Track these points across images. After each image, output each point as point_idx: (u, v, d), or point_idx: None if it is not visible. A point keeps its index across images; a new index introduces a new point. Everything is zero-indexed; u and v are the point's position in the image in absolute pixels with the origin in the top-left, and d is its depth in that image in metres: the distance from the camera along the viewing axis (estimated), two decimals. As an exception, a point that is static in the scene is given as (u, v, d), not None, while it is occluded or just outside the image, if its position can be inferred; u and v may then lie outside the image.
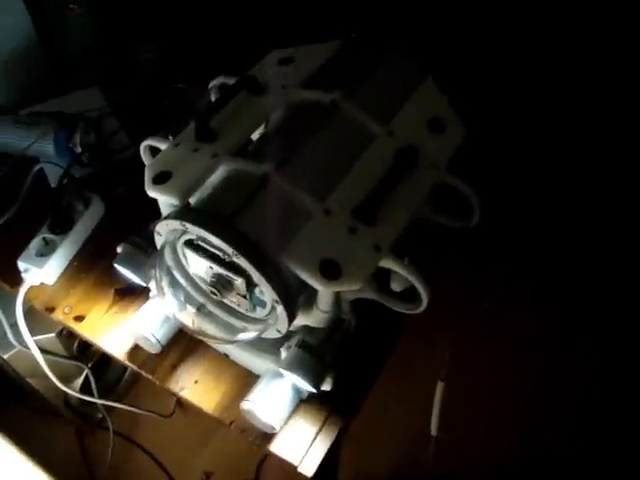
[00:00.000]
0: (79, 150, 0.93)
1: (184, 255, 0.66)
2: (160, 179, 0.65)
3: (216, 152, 0.66)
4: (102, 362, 1.09)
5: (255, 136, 0.71)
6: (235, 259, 0.59)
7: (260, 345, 0.74)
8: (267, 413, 0.68)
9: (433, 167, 0.69)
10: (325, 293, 0.62)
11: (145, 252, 0.71)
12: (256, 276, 0.59)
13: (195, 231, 0.60)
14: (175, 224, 0.61)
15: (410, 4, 1.15)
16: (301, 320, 0.66)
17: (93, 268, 0.86)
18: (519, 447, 1.09)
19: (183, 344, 0.79)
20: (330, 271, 0.58)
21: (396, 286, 0.64)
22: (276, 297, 0.59)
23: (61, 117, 0.96)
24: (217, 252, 0.61)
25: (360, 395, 0.76)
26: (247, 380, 0.75)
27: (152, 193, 0.65)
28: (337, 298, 0.64)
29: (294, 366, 0.64)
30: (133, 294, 0.83)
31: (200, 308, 0.67)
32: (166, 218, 0.62)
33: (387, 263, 0.61)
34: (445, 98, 0.75)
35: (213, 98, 0.79)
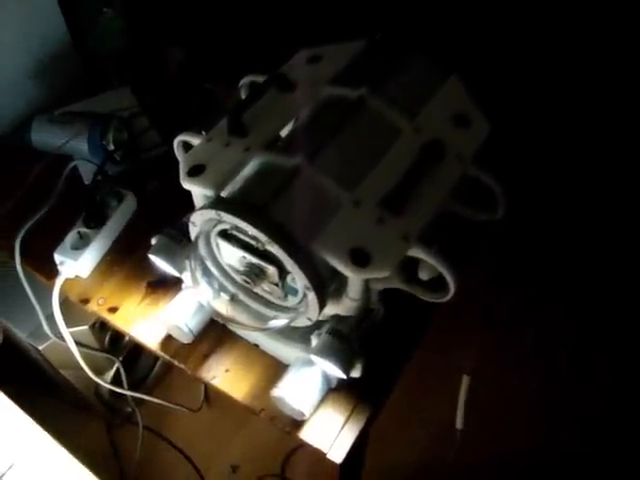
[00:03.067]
0: (112, 148, 0.95)
1: (217, 245, 0.68)
2: (194, 172, 0.67)
3: (248, 146, 0.68)
4: (133, 356, 1.12)
5: (285, 132, 0.73)
6: (268, 247, 0.61)
7: (290, 334, 0.76)
8: (297, 400, 0.70)
9: (458, 160, 0.70)
10: (355, 281, 0.64)
11: (179, 243, 0.73)
12: (289, 264, 0.61)
13: (230, 220, 0.62)
14: (210, 214, 0.63)
15: (431, 5, 1.17)
16: (331, 309, 0.68)
17: (126, 261, 0.89)
18: (540, 442, 1.10)
19: (214, 334, 0.81)
20: (360, 259, 0.60)
21: (424, 275, 0.65)
22: (308, 284, 0.61)
23: (94, 116, 0.99)
24: (251, 241, 0.63)
25: (388, 384, 0.77)
26: (277, 369, 0.77)
27: (187, 185, 0.67)
28: (366, 287, 0.65)
29: (325, 352, 0.65)
30: (165, 286, 0.85)
31: (233, 297, 0.69)
32: (201, 208, 0.64)
33: (415, 252, 0.62)
34: (469, 95, 0.76)
35: (243, 96, 0.82)
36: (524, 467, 1.06)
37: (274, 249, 0.61)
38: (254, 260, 0.64)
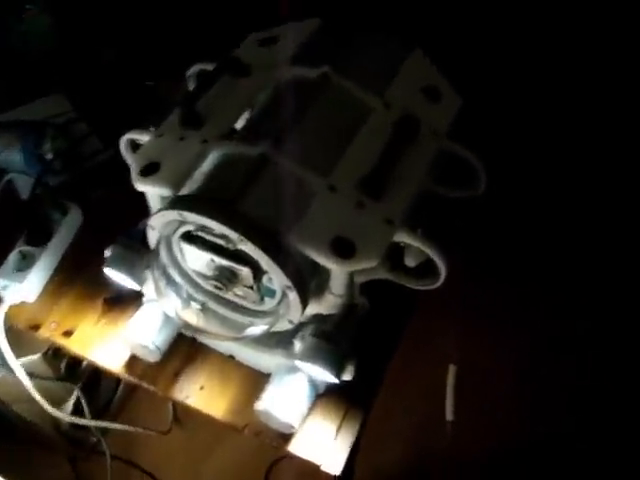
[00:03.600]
0: (50, 157, 0.87)
1: (181, 250, 0.61)
2: (148, 171, 0.61)
3: (205, 138, 0.62)
4: (93, 381, 1.03)
5: (243, 120, 0.67)
6: (240, 246, 0.55)
7: (267, 341, 0.69)
8: (284, 411, 0.64)
9: (434, 135, 0.66)
10: (339, 275, 0.58)
11: (137, 252, 0.65)
12: (265, 262, 0.54)
13: (194, 220, 0.55)
14: (171, 215, 0.56)
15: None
16: (313, 308, 0.62)
17: (77, 279, 0.80)
18: (532, 433, 1.06)
19: (184, 350, 0.74)
20: (343, 249, 0.55)
21: (411, 261, 0.61)
22: (288, 282, 0.55)
23: (26, 125, 0.90)
24: (219, 242, 0.56)
25: (376, 382, 0.72)
26: (256, 380, 0.71)
27: (141, 186, 0.60)
28: (350, 281, 0.60)
29: (312, 356, 0.60)
30: (123, 302, 0.78)
31: (203, 306, 0.63)
32: (160, 210, 0.57)
33: (401, 237, 0.58)
34: (435, 67, 0.72)
35: (191, 87, 0.75)
36: (517, 459, 1.02)
37: (247, 247, 0.54)
38: (224, 262, 0.58)
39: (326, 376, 0.61)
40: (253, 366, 0.72)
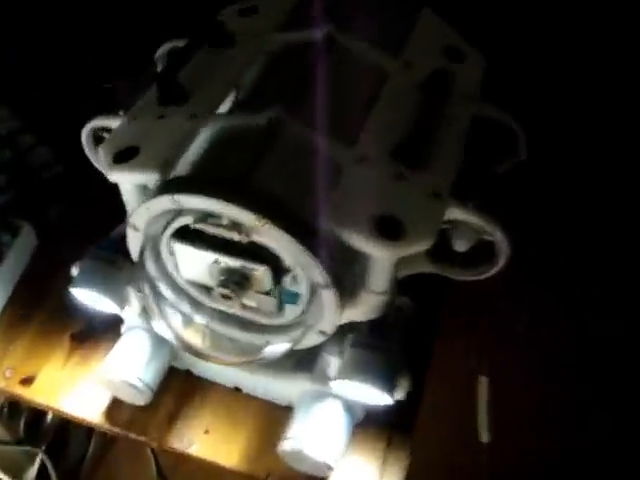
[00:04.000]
0: (-9, 171, 0.72)
1: (172, 256, 0.48)
2: (124, 157, 0.47)
3: (193, 112, 0.49)
4: (59, 439, 0.86)
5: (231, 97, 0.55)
6: (255, 237, 0.42)
7: (284, 364, 0.56)
8: (319, 449, 0.50)
9: (467, 98, 0.55)
10: (381, 265, 0.46)
11: (113, 265, 0.52)
12: (290, 254, 0.42)
13: (194, 206, 0.42)
14: (162, 203, 0.43)
15: None
16: (346, 314, 0.49)
17: (34, 312, 0.66)
18: (573, 450, 0.93)
19: (177, 386, 0.60)
20: (390, 229, 0.43)
21: (461, 244, 0.49)
22: (323, 278, 0.42)
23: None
24: (226, 235, 0.43)
25: (416, 400, 0.59)
26: (272, 415, 0.58)
27: (116, 175, 0.47)
28: (395, 272, 0.48)
29: (356, 372, 0.47)
30: (95, 336, 0.63)
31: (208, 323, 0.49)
32: (148, 200, 0.44)
33: (453, 212, 0.46)
34: (450, 27, 0.62)
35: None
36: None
37: (265, 237, 0.42)
38: (233, 262, 0.45)
39: (373, 396, 0.48)
40: (266, 398, 0.59)
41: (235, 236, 0.43)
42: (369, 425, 0.56)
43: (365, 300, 0.48)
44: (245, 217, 0.41)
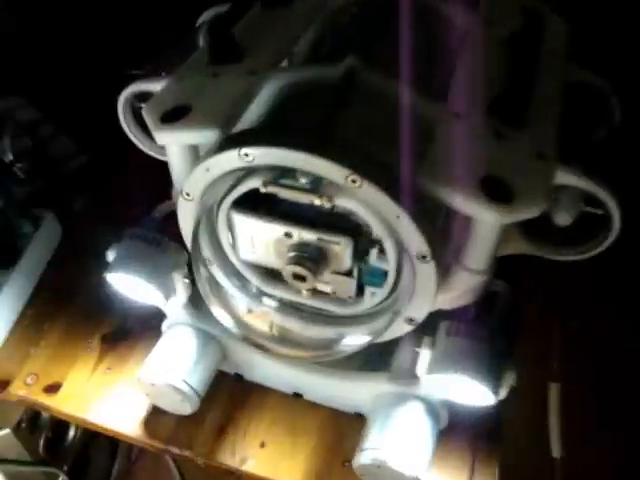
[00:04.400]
0: (10, 158, 0.65)
1: (231, 232, 0.41)
2: (172, 116, 0.40)
3: (253, 69, 0.42)
4: (80, 459, 0.77)
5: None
6: (340, 201, 0.35)
7: (350, 364, 0.49)
8: (405, 460, 0.42)
9: (557, 57, 0.48)
10: (484, 235, 0.38)
11: (158, 246, 0.44)
12: (382, 220, 0.35)
13: (270, 161, 0.35)
14: (229, 161, 0.36)
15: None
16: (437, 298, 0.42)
17: (60, 311, 0.58)
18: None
19: (225, 393, 0.52)
20: (498, 191, 0.35)
21: (564, 217, 0.42)
22: (424, 246, 0.35)
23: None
24: (303, 200, 0.36)
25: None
26: (339, 425, 0.50)
27: (166, 135, 0.40)
28: (496, 246, 0.40)
29: (460, 364, 0.39)
30: (130, 337, 0.56)
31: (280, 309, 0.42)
32: (208, 158, 0.37)
33: (561, 176, 0.39)
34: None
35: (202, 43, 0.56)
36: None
37: (355, 198, 0.34)
38: (307, 235, 0.37)
39: (473, 395, 0.40)
40: (331, 405, 0.51)
41: (315, 200, 0.35)
42: (453, 433, 0.48)
43: (461, 280, 0.41)
44: (335, 173, 0.33)
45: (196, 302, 0.48)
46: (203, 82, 0.43)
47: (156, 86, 0.46)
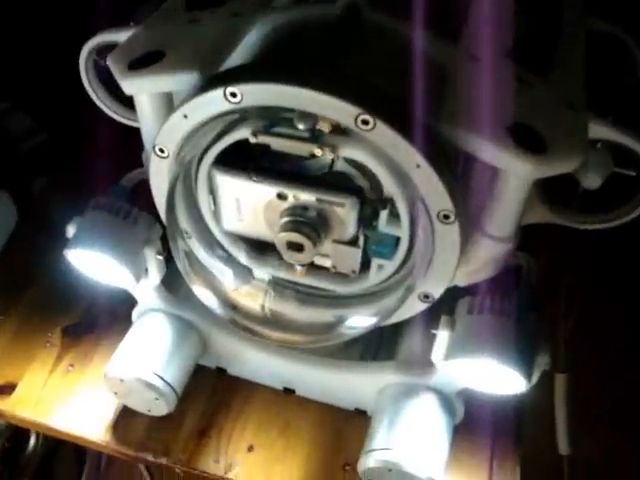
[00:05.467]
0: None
1: (213, 194, 0.34)
2: (143, 63, 0.34)
3: (236, 11, 0.36)
4: (44, 470, 0.69)
5: None
6: (346, 152, 0.29)
7: (348, 353, 0.43)
8: (419, 462, 0.36)
9: (577, 7, 0.44)
10: (512, 194, 0.33)
11: (127, 217, 0.38)
12: (396, 174, 0.29)
13: (263, 101, 0.29)
14: (213, 103, 0.30)
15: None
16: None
17: (15, 301, 0.51)
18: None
19: (207, 390, 0.46)
20: (529, 141, 0.30)
21: (593, 179, 0.37)
22: (447, 204, 0.29)
23: None
24: (301, 150, 0.30)
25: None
26: (338, 423, 0.44)
27: (134, 82, 0.33)
28: (521, 211, 0.35)
29: (487, 345, 0.33)
30: (95, 329, 0.49)
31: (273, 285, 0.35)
32: (187, 101, 0.30)
33: (594, 129, 0.34)
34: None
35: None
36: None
37: (363, 148, 0.29)
38: (305, 195, 0.31)
39: (501, 381, 0.34)
40: (327, 401, 0.45)
41: (315, 150, 0.30)
42: (469, 429, 0.42)
43: (482, 250, 0.35)
44: (342, 113, 0.28)
45: (171, 284, 0.42)
46: (179, 27, 0.37)
47: (124, 37, 0.39)
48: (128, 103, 0.44)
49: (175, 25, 0.38)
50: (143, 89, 0.34)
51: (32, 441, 0.64)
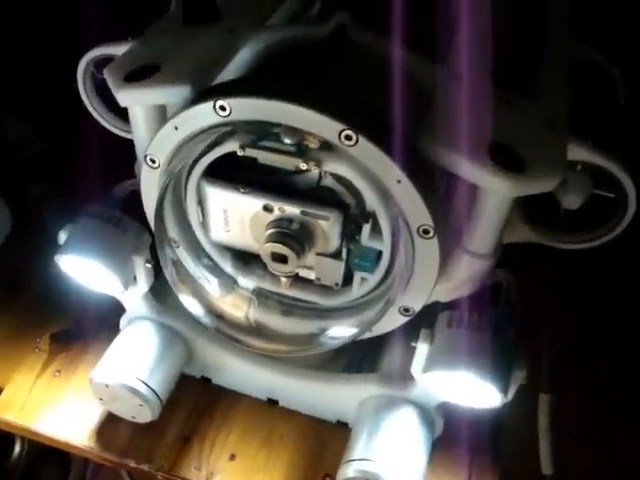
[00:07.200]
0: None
1: (201, 205, 0.35)
2: (138, 76, 0.35)
3: (231, 28, 0.38)
4: (29, 476, 0.69)
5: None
6: (330, 167, 0.30)
7: (331, 366, 0.44)
8: (395, 473, 0.37)
9: (562, 32, 0.45)
10: (492, 211, 0.34)
11: (118, 225, 0.39)
12: (378, 189, 0.30)
13: (251, 116, 0.30)
14: (203, 116, 0.31)
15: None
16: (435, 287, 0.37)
17: (5, 307, 0.52)
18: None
19: (191, 399, 0.46)
20: (508, 160, 0.31)
21: (573, 200, 0.38)
22: (427, 219, 0.30)
23: None
24: (287, 164, 0.31)
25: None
26: (320, 434, 0.45)
27: (129, 94, 0.34)
28: (502, 227, 0.36)
29: (464, 358, 0.34)
30: (83, 336, 0.50)
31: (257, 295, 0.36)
32: (177, 114, 0.31)
33: (574, 151, 0.35)
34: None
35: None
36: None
37: (347, 162, 0.30)
38: (291, 208, 0.32)
39: (477, 395, 0.35)
40: (309, 413, 0.45)
41: (300, 164, 0.31)
42: (446, 444, 0.43)
43: (462, 266, 0.36)
44: (326, 128, 0.29)
45: (159, 292, 0.43)
46: (174, 42, 0.38)
47: (121, 50, 0.40)
48: (123, 115, 0.45)
49: (171, 40, 0.39)
50: (137, 101, 0.35)
51: (17, 448, 0.64)
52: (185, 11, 0.41)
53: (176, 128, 0.32)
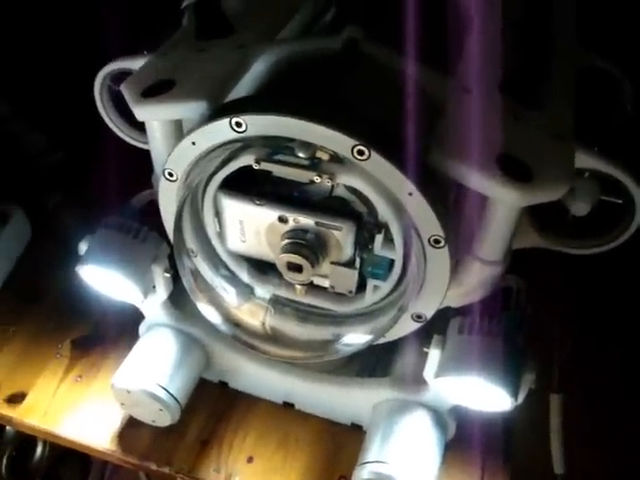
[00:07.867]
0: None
1: (218, 216, 0.37)
2: (155, 91, 0.36)
3: (241, 43, 0.39)
4: (50, 478, 0.70)
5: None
6: (343, 179, 0.31)
7: (345, 370, 0.45)
8: (409, 475, 0.38)
9: (568, 41, 0.46)
10: (501, 220, 0.34)
11: (137, 236, 0.40)
12: (391, 201, 0.31)
13: (266, 131, 0.31)
14: (219, 131, 0.32)
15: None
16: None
17: (27, 314, 0.53)
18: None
19: (210, 403, 0.47)
20: (516, 170, 0.32)
21: (581, 206, 0.38)
22: (437, 230, 0.31)
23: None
24: (301, 178, 0.32)
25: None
26: (335, 437, 0.46)
27: (146, 110, 0.35)
28: (511, 235, 0.36)
29: (475, 364, 0.35)
30: (103, 342, 0.51)
31: (273, 301, 0.37)
32: (195, 129, 0.32)
33: (580, 159, 0.36)
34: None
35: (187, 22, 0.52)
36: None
37: (360, 176, 0.31)
38: (305, 219, 0.33)
39: (487, 399, 0.36)
40: (325, 416, 0.46)
41: (314, 177, 0.32)
42: (459, 446, 0.44)
43: (473, 273, 0.37)
44: (339, 144, 0.30)
45: (177, 300, 0.44)
46: (189, 57, 0.39)
47: (137, 64, 0.42)
48: (138, 126, 0.46)
49: (185, 54, 0.40)
50: (154, 116, 0.36)
51: (39, 450, 0.66)
52: (198, 24, 0.42)
53: (193, 143, 0.33)
